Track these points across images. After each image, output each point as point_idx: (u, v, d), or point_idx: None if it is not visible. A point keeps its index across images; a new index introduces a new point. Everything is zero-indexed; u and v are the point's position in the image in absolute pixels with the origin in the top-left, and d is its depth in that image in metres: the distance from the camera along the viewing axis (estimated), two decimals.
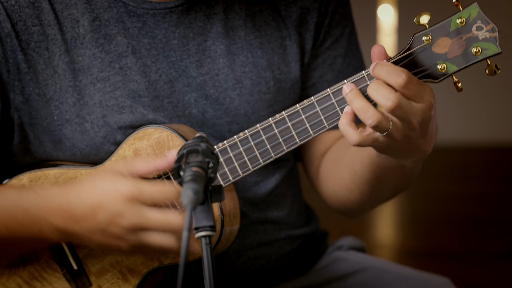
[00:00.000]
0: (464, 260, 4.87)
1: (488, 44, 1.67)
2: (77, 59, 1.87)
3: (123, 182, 1.69)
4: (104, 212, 1.69)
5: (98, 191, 1.70)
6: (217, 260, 1.93)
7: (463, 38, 1.67)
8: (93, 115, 1.87)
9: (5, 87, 1.86)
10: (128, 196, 1.67)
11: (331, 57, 2.01)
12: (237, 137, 1.76)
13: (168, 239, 1.69)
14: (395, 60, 1.69)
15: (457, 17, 1.67)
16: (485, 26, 1.67)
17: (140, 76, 1.88)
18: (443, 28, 1.67)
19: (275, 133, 1.74)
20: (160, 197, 1.69)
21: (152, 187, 1.68)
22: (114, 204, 1.68)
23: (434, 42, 1.68)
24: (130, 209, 1.68)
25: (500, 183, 6.77)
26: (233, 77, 1.92)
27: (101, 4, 1.89)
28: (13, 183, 1.87)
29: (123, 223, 1.68)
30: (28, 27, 1.86)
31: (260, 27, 1.95)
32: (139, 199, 1.68)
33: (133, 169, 1.72)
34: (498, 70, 1.68)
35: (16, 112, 1.88)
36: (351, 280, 2.04)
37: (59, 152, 1.88)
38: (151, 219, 1.68)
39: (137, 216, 1.68)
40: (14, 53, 1.86)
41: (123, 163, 1.74)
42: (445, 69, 1.68)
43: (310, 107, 1.72)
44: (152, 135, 1.82)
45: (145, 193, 1.68)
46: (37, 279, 1.86)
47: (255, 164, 1.76)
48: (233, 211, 1.83)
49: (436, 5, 3.19)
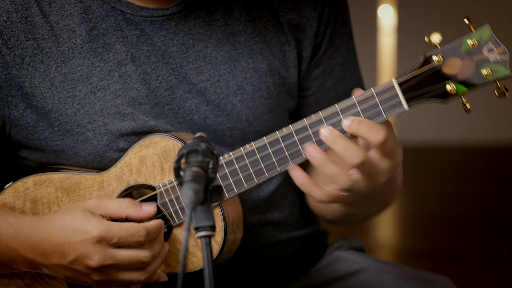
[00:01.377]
0: (465, 260, 4.87)
1: (499, 67, 1.66)
2: (76, 69, 1.86)
3: (92, 223, 1.73)
4: (72, 252, 1.73)
5: (67, 231, 1.73)
6: (218, 263, 1.92)
7: (473, 60, 1.67)
8: (94, 124, 1.87)
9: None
10: (96, 237, 1.71)
11: (331, 66, 2.02)
12: (243, 149, 1.76)
13: (136, 274, 1.75)
14: (405, 80, 1.68)
15: (468, 38, 1.67)
16: (496, 48, 1.66)
17: (140, 83, 1.88)
18: (454, 48, 1.67)
19: (281, 147, 1.74)
20: (127, 235, 1.72)
21: (119, 226, 1.72)
22: (81, 245, 1.72)
23: (445, 62, 1.67)
24: (98, 250, 1.72)
25: (500, 183, 6.77)
26: (234, 83, 1.92)
27: (99, 13, 1.88)
28: (17, 185, 1.87)
29: (90, 264, 1.72)
30: (21, 42, 1.85)
31: (260, 33, 1.95)
32: (106, 239, 1.72)
33: (103, 210, 1.77)
34: (507, 92, 1.68)
35: (13, 128, 1.88)
36: (351, 280, 2.04)
37: (63, 160, 1.89)
38: (119, 258, 1.73)
39: (105, 257, 1.72)
40: (6, 70, 1.85)
41: (95, 201, 1.77)
42: (454, 90, 1.68)
43: (318, 123, 1.72)
44: (158, 144, 1.82)
45: (113, 233, 1.72)
46: (38, 282, 1.86)
47: (260, 177, 1.76)
48: (237, 221, 1.83)
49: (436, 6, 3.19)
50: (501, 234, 5.31)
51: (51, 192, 1.86)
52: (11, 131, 1.88)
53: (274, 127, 1.93)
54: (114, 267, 1.73)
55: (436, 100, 1.69)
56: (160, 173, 1.82)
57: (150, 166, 1.82)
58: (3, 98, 1.86)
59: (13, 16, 1.85)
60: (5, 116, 1.87)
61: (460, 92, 1.68)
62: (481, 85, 1.68)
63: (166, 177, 1.82)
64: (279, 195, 2.03)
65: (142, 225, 1.73)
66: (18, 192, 1.87)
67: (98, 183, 1.85)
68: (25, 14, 1.86)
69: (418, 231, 5.57)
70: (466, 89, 1.68)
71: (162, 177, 1.82)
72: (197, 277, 1.81)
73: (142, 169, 1.83)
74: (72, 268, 1.74)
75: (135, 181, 1.84)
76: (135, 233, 1.72)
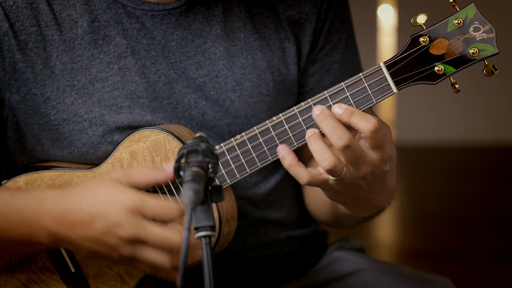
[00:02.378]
0: (464, 260, 4.87)
1: (486, 45, 1.66)
2: (76, 59, 1.87)
3: (126, 192, 1.67)
4: (103, 221, 1.66)
5: (99, 199, 1.67)
6: (217, 261, 1.92)
7: (460, 39, 1.67)
8: (91, 114, 1.87)
9: (1, 86, 1.87)
10: (130, 207, 1.65)
11: (329, 63, 2.01)
12: (234, 140, 1.75)
13: (163, 257, 1.67)
14: (392, 61, 1.68)
15: (454, 18, 1.67)
16: (483, 26, 1.66)
17: (139, 77, 1.88)
18: (440, 29, 1.67)
19: (272, 136, 1.74)
20: (162, 213, 1.66)
21: (155, 201, 1.66)
22: (115, 214, 1.65)
23: (431, 43, 1.68)
24: (131, 221, 1.65)
25: (500, 183, 6.77)
26: (233, 79, 1.92)
27: (100, 5, 1.89)
28: (9, 185, 1.86)
29: (121, 234, 1.65)
30: (26, 28, 1.86)
31: (260, 29, 1.95)
32: (141, 212, 1.65)
33: (131, 179, 1.71)
34: (495, 70, 1.67)
35: (12, 111, 1.88)
36: (351, 280, 2.04)
37: (56, 150, 1.88)
38: (150, 234, 1.65)
39: (137, 228, 1.65)
40: (12, 53, 1.86)
41: (121, 172, 1.72)
42: (442, 70, 1.68)
43: (308, 110, 1.72)
44: (148, 138, 1.81)
45: (148, 206, 1.65)
46: (35, 282, 1.86)
47: (252, 167, 1.75)
48: (231, 212, 1.83)
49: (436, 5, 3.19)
50: (501, 234, 5.31)
51: None
52: (9, 116, 1.88)
53: None
54: (144, 242, 1.66)
55: (425, 82, 1.69)
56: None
57: (141, 161, 1.82)
58: (6, 81, 1.86)
59: (19, 1, 1.86)
60: (5, 99, 1.87)
61: (448, 73, 1.68)
62: (469, 64, 1.67)
63: None
64: (278, 194, 2.03)
65: (178, 205, 1.67)
66: None
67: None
68: (31, 0, 1.87)
69: (418, 231, 5.57)
70: (454, 69, 1.67)
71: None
72: (197, 276, 1.81)
73: (134, 163, 1.82)
74: (100, 239, 1.67)
75: None
76: (170, 211, 1.66)
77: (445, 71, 1.67)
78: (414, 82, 1.69)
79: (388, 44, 8.11)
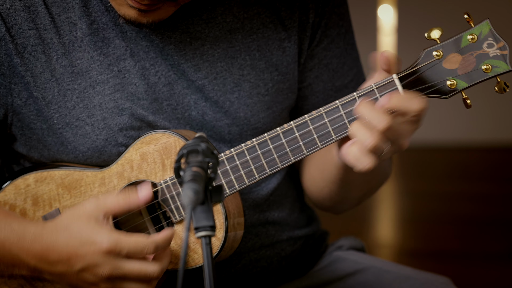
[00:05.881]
0: (465, 260, 4.87)
1: (499, 62, 1.67)
2: (76, 62, 1.87)
3: (100, 233, 1.72)
4: (80, 262, 1.72)
5: (75, 240, 1.73)
6: (219, 263, 1.92)
7: (473, 55, 1.67)
8: (93, 118, 1.87)
9: (2, 91, 1.86)
10: (106, 249, 1.71)
11: (327, 58, 2.01)
12: (244, 146, 1.76)
13: (141, 285, 1.75)
14: (405, 74, 1.69)
15: (468, 34, 1.67)
16: (496, 43, 1.67)
17: (139, 78, 1.88)
18: (454, 44, 1.68)
19: (282, 143, 1.74)
20: (137, 249, 1.72)
21: (129, 239, 1.72)
22: (92, 255, 1.72)
23: (445, 57, 1.68)
24: (108, 260, 1.71)
25: (501, 183, 6.77)
26: (231, 80, 1.92)
27: (98, 7, 1.88)
28: (18, 182, 1.88)
29: (99, 272, 1.72)
30: (23, 31, 1.86)
31: (258, 30, 1.95)
32: (116, 251, 1.71)
33: (105, 210, 1.75)
34: (507, 88, 1.68)
35: (16, 116, 1.88)
36: (351, 280, 2.04)
37: (62, 154, 1.89)
38: (127, 270, 1.72)
39: (114, 267, 1.72)
40: (10, 57, 1.85)
41: (94, 204, 1.75)
42: (454, 85, 1.68)
43: (319, 118, 1.72)
44: (159, 140, 1.82)
45: (122, 246, 1.71)
46: (39, 279, 1.86)
47: (261, 173, 1.76)
48: (238, 218, 1.83)
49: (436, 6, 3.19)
50: (501, 234, 5.30)
51: (52, 189, 1.87)
52: (13, 120, 1.88)
53: (273, 124, 1.93)
54: (122, 277, 1.73)
55: (437, 96, 1.69)
56: (161, 170, 1.82)
57: (151, 163, 1.83)
58: (6, 86, 1.86)
59: (16, 4, 1.86)
60: (7, 104, 1.87)
61: (460, 87, 1.68)
62: (482, 80, 1.68)
63: (167, 173, 1.82)
64: (279, 194, 2.03)
65: (151, 239, 1.72)
66: (19, 189, 1.87)
67: (99, 180, 1.85)
68: (28, 3, 1.86)
69: (418, 231, 5.56)
70: (467, 84, 1.68)
71: (163, 173, 1.82)
72: (197, 276, 1.81)
73: (143, 165, 1.83)
74: (79, 276, 1.74)
75: (136, 178, 1.84)
76: (144, 247, 1.72)
77: (457, 86, 1.68)
78: (425, 95, 1.69)
79: (388, 44, 8.10)
